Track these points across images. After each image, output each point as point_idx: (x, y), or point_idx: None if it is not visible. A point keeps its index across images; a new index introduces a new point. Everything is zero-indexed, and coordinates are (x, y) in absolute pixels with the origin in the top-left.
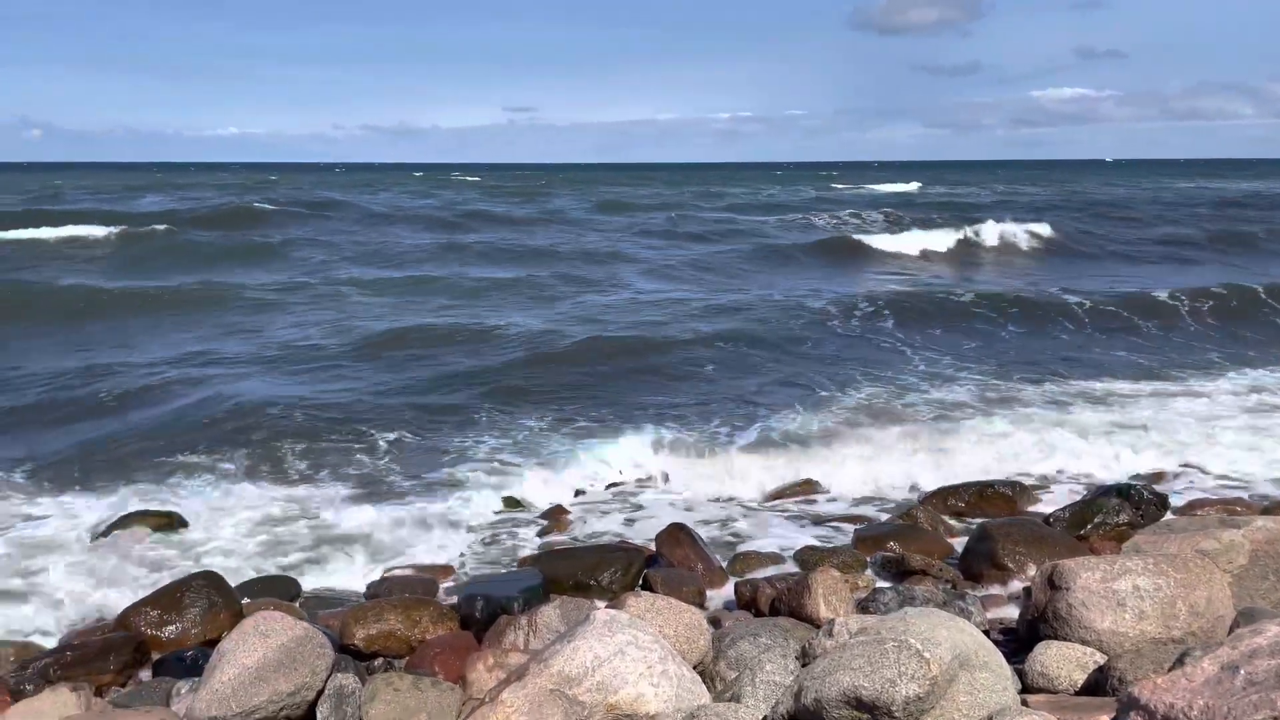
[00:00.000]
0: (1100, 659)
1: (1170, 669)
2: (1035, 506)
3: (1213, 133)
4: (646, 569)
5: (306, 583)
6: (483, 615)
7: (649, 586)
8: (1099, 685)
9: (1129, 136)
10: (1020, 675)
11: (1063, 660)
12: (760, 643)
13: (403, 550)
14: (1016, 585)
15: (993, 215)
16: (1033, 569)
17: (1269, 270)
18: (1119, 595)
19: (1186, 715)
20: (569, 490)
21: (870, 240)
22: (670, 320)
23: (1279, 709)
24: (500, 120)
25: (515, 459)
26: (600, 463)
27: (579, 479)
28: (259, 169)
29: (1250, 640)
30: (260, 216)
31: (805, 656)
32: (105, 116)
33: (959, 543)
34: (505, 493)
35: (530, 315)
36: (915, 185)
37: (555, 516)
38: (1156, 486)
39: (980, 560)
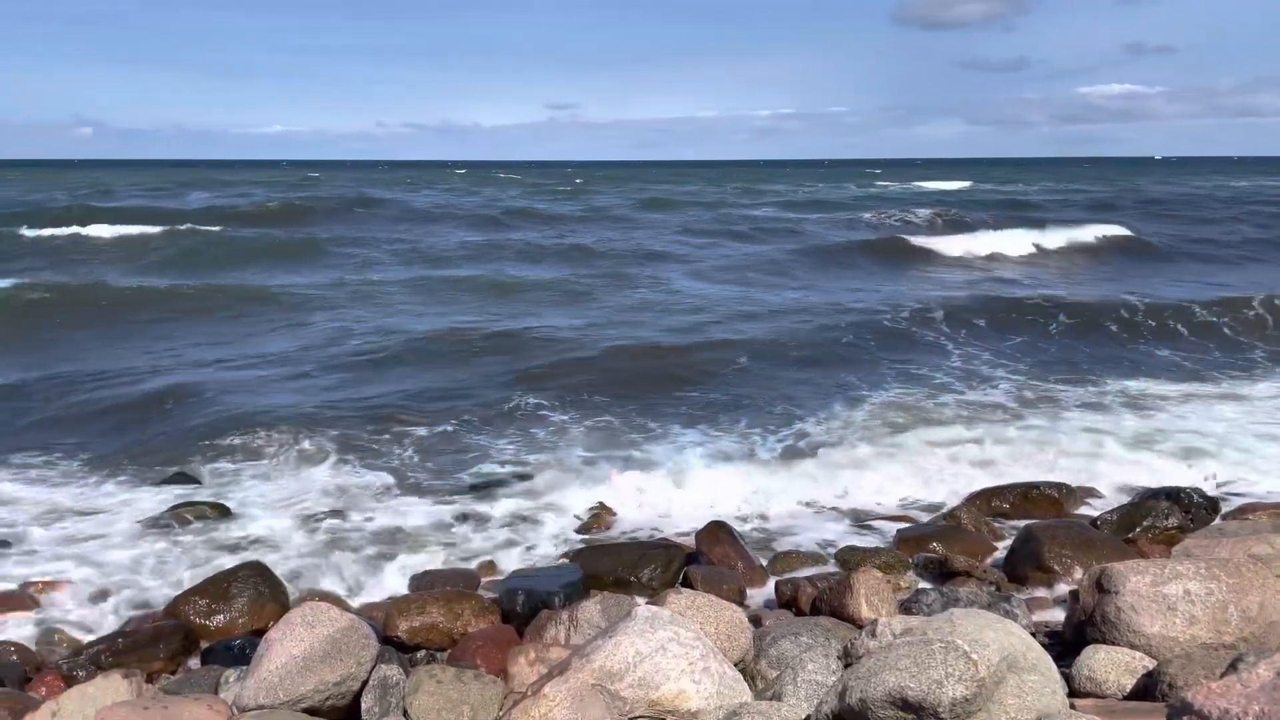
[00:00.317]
0: (1150, 664)
1: (1223, 674)
2: (1081, 509)
3: (1267, 130)
4: (686, 566)
5: (350, 573)
6: (524, 609)
7: (689, 584)
8: (1148, 690)
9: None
10: (1067, 679)
11: (1111, 664)
12: (801, 642)
13: (444, 544)
14: (1062, 588)
15: (1052, 214)
16: (1079, 572)
17: None
18: (1169, 600)
19: None
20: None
21: (924, 241)
22: (715, 322)
23: None
24: (541, 118)
25: (546, 456)
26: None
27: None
28: (303, 166)
29: None
30: (303, 214)
31: (847, 656)
32: (154, 114)
33: (1003, 545)
34: (543, 488)
35: (572, 316)
36: (965, 183)
37: (596, 513)
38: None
39: (1025, 562)
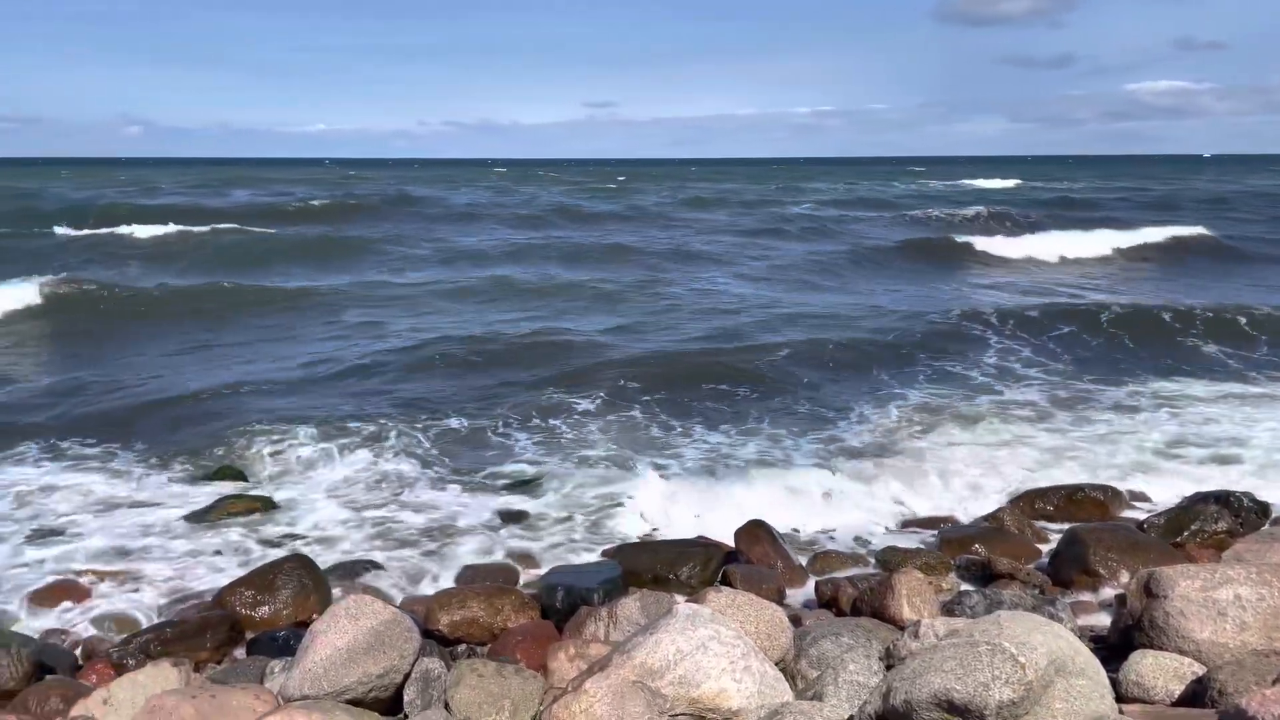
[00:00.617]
0: (1199, 670)
1: (1275, 681)
2: (1127, 512)
3: None
4: (725, 565)
5: (391, 567)
6: (563, 605)
7: (728, 582)
8: (1197, 696)
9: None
10: (1113, 684)
11: (1159, 670)
12: (842, 642)
13: (483, 539)
14: (1108, 592)
15: (1116, 214)
16: (1125, 576)
17: None
18: (1219, 605)
19: None
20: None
21: (979, 241)
22: (758, 324)
23: None
24: (580, 116)
25: (584, 454)
26: (677, 467)
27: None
28: (345, 165)
29: None
30: (344, 214)
31: (889, 658)
32: (199, 114)
33: (1047, 547)
34: (580, 486)
35: (611, 317)
36: (1014, 181)
37: (633, 511)
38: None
39: (1070, 565)
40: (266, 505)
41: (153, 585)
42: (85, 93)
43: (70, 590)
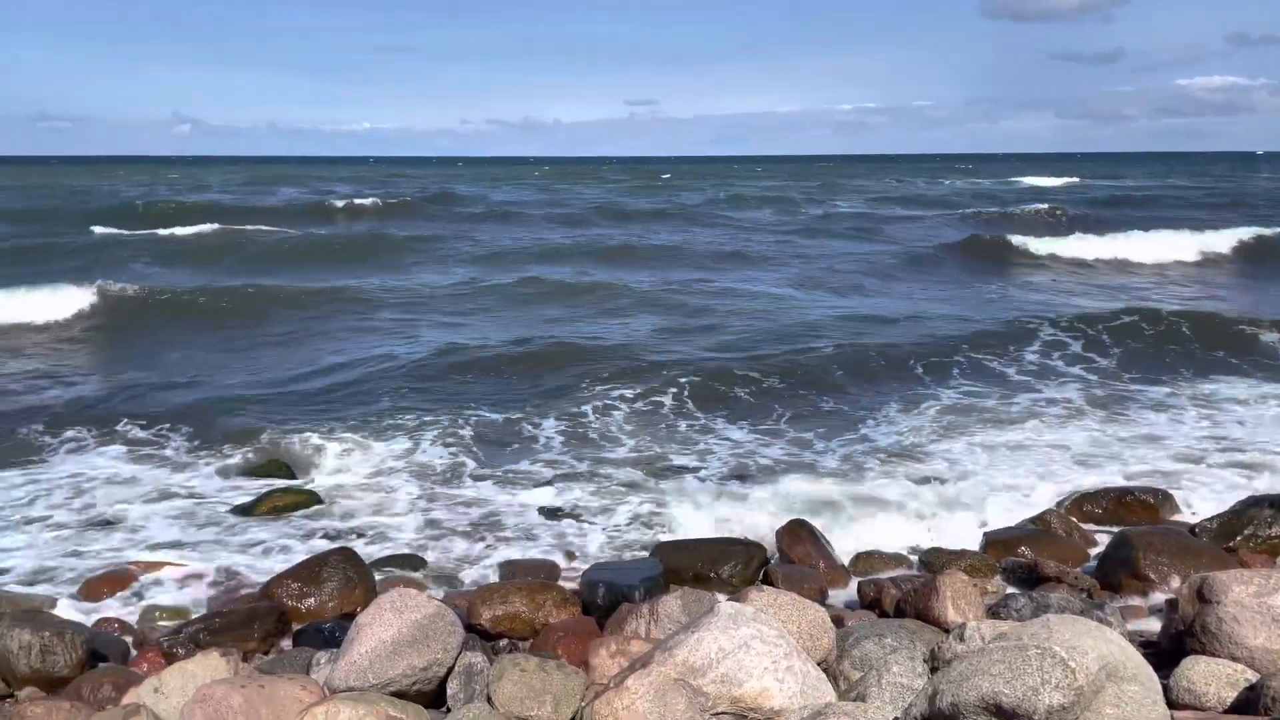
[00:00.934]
0: (1252, 677)
1: None
2: (1177, 515)
3: None
4: (766, 564)
5: (434, 561)
6: (604, 602)
7: (769, 582)
8: (1249, 704)
9: None
10: (1164, 690)
11: (1211, 676)
12: (886, 644)
13: (524, 535)
14: (1158, 597)
15: (1185, 214)
16: (1176, 580)
17: None
18: (1274, 611)
19: None
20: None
21: (1033, 242)
22: (806, 329)
23: None
24: (621, 114)
25: (622, 454)
26: (718, 466)
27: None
28: (389, 163)
29: None
30: (388, 212)
31: (934, 660)
32: (248, 113)
33: (1095, 550)
34: (621, 484)
35: (650, 318)
36: (1070, 179)
37: (671, 510)
38: None
39: (1119, 569)
40: (311, 499)
41: (201, 576)
42: (137, 92)
43: (122, 580)
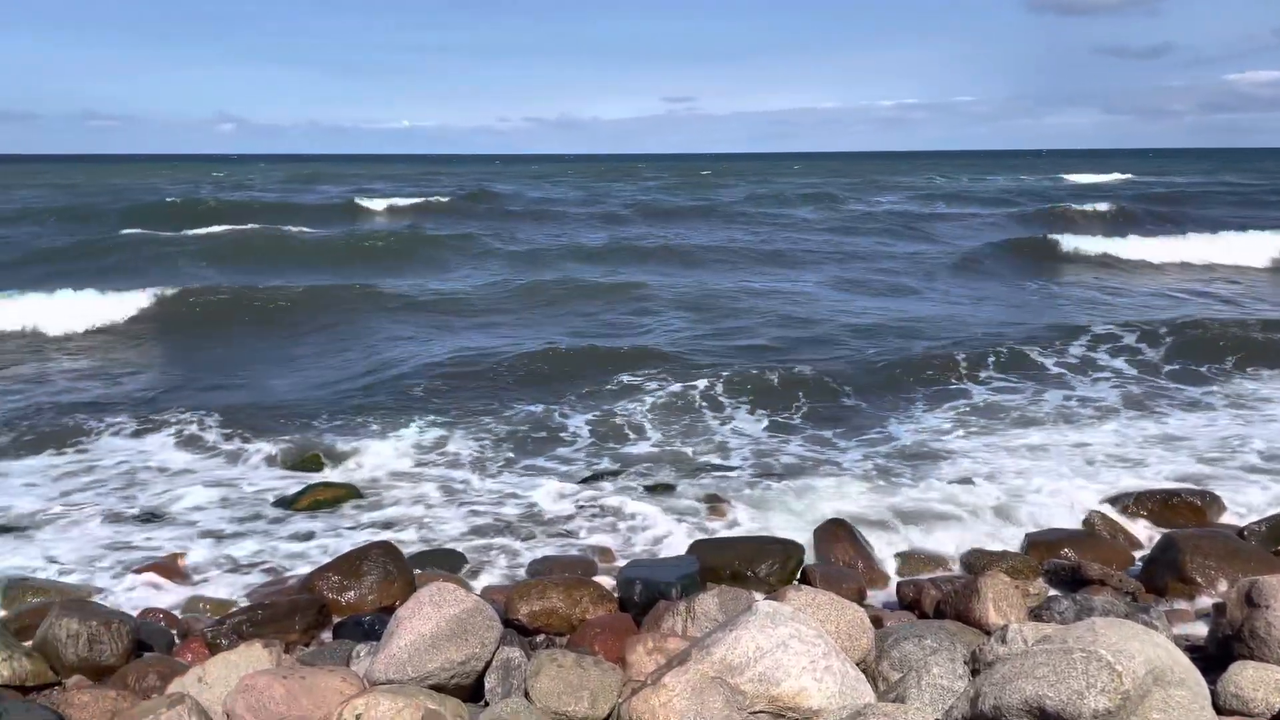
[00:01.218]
0: None
1: None
2: (1225, 518)
3: None
4: (804, 564)
5: (472, 556)
6: (641, 599)
7: (807, 581)
8: None
9: None
10: (1211, 695)
11: (1260, 682)
12: (925, 645)
13: (561, 530)
14: (1205, 601)
15: (1240, 212)
16: (1224, 584)
17: None
18: None
19: None
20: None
21: (1087, 242)
22: (846, 332)
23: None
24: (659, 111)
25: (660, 452)
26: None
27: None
28: (428, 161)
29: None
30: (426, 211)
31: (975, 662)
32: (290, 111)
33: (1140, 553)
34: (657, 482)
35: (688, 320)
36: (1119, 175)
37: (712, 504)
38: None
39: (1165, 572)
40: (351, 493)
41: (244, 568)
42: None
43: (167, 570)
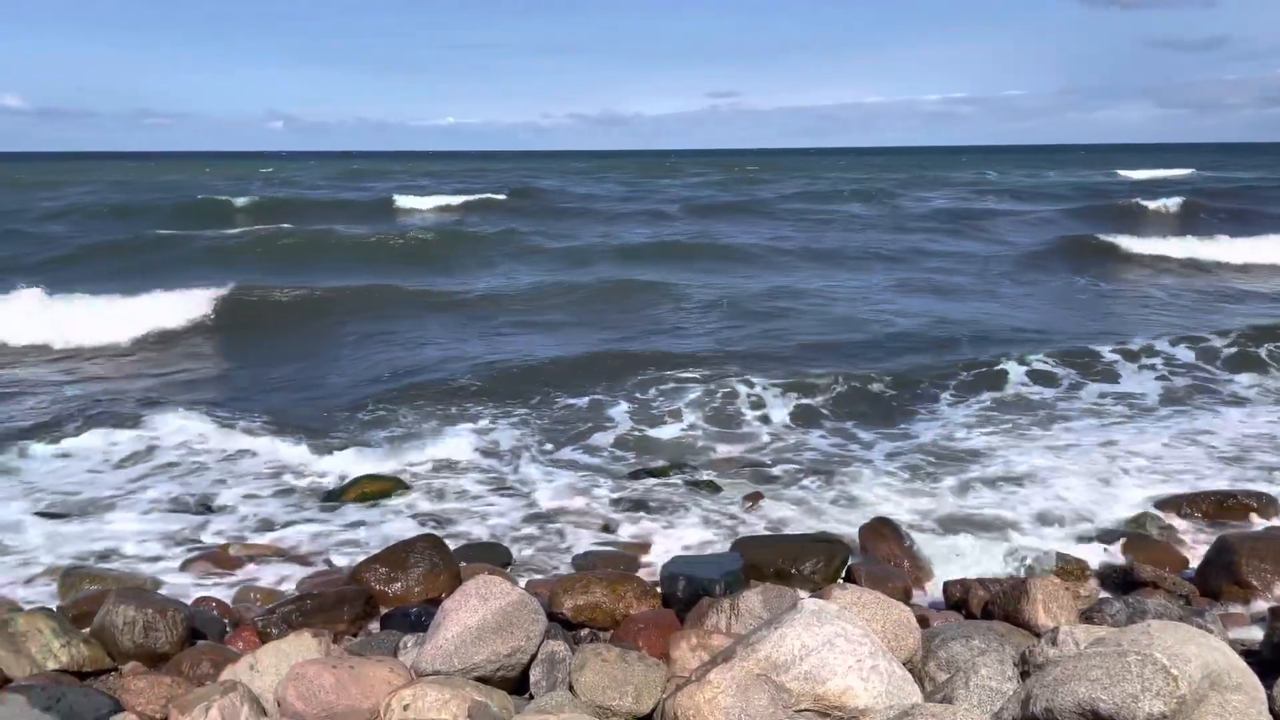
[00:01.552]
0: None
1: None
2: None
3: None
4: (849, 562)
5: (516, 550)
6: (684, 595)
7: (852, 579)
8: None
9: None
10: (1268, 700)
11: None
12: (973, 645)
13: (603, 526)
14: (1261, 605)
15: None
16: None
17: None
18: None
19: None
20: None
21: (1152, 243)
22: (894, 339)
23: None
24: (703, 106)
25: (699, 447)
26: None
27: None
28: (472, 157)
29: None
30: (469, 209)
31: (1024, 664)
32: (337, 109)
33: (1194, 555)
34: (700, 479)
35: (748, 321)
36: (1180, 170)
37: (754, 502)
38: None
39: (1220, 575)
40: (398, 486)
41: (293, 559)
42: (233, 90)
43: (219, 560)
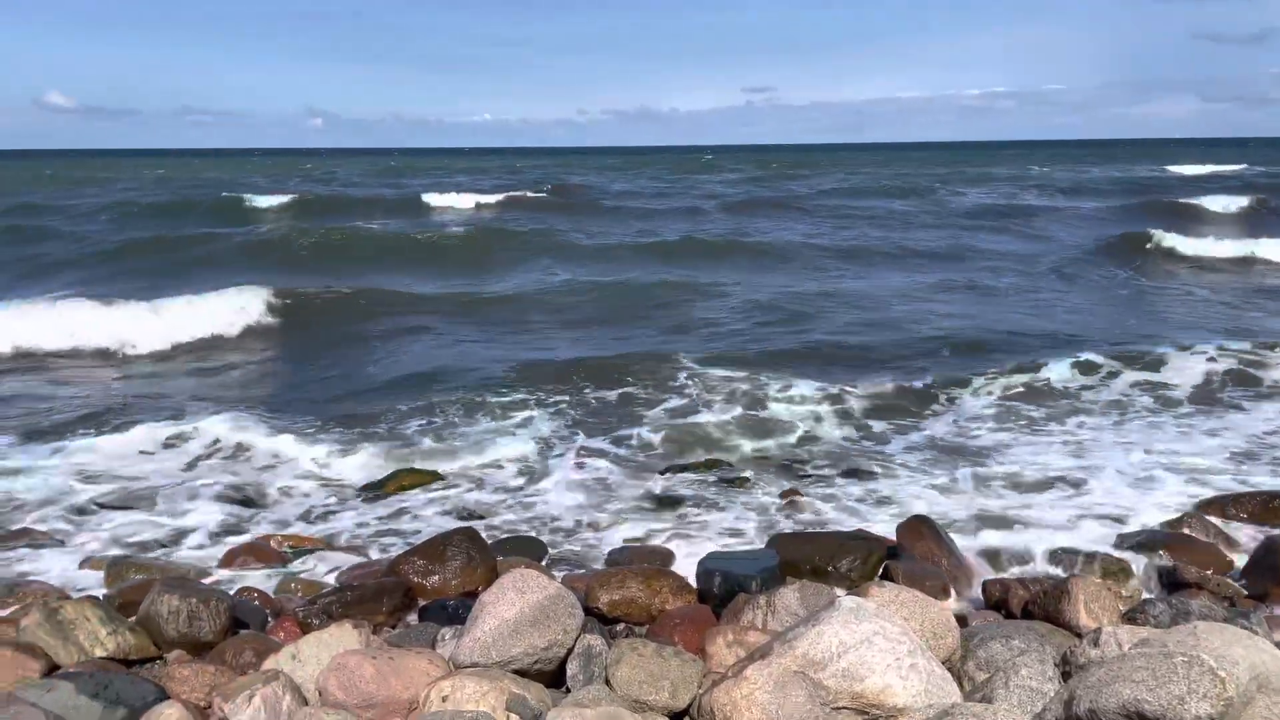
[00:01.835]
0: None
1: None
2: None
3: None
4: (887, 560)
5: (551, 544)
6: (720, 591)
7: (889, 578)
8: None
9: None
10: None
11: None
12: (1013, 645)
13: (640, 521)
14: None
15: None
16: None
17: None
18: None
19: None
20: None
21: (1216, 246)
22: (955, 345)
23: None
24: (738, 102)
25: (736, 444)
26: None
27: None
28: (508, 153)
29: None
30: (505, 207)
31: (1066, 665)
32: (376, 106)
33: (1240, 556)
34: (738, 475)
35: (786, 322)
36: (1232, 166)
37: (790, 499)
38: None
39: (1267, 576)
40: (435, 479)
41: (333, 550)
42: (273, 88)
43: (261, 552)
